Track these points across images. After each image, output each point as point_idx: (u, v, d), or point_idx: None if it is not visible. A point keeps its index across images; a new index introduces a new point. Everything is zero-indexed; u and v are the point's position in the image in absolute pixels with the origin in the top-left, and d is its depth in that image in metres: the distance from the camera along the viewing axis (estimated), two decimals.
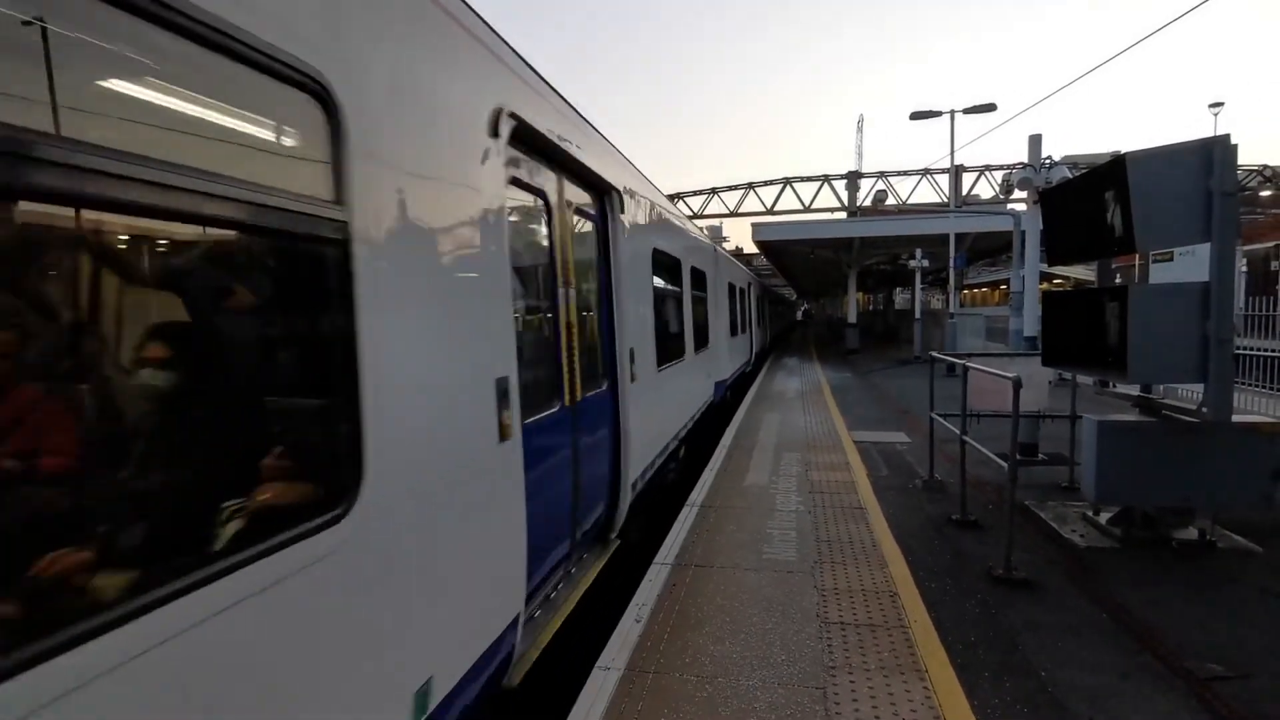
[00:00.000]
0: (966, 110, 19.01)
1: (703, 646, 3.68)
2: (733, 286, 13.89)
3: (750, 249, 46.60)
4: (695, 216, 55.67)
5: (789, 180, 59.75)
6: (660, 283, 6.61)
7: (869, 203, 57.75)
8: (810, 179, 59.92)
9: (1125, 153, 4.52)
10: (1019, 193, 13.18)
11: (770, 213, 59.30)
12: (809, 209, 58.98)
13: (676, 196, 58.99)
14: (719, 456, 8.31)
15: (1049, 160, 12.04)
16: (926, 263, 24.25)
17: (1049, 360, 5.78)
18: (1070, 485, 6.62)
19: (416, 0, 2.33)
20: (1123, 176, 4.42)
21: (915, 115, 19.35)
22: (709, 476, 7.31)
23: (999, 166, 52.87)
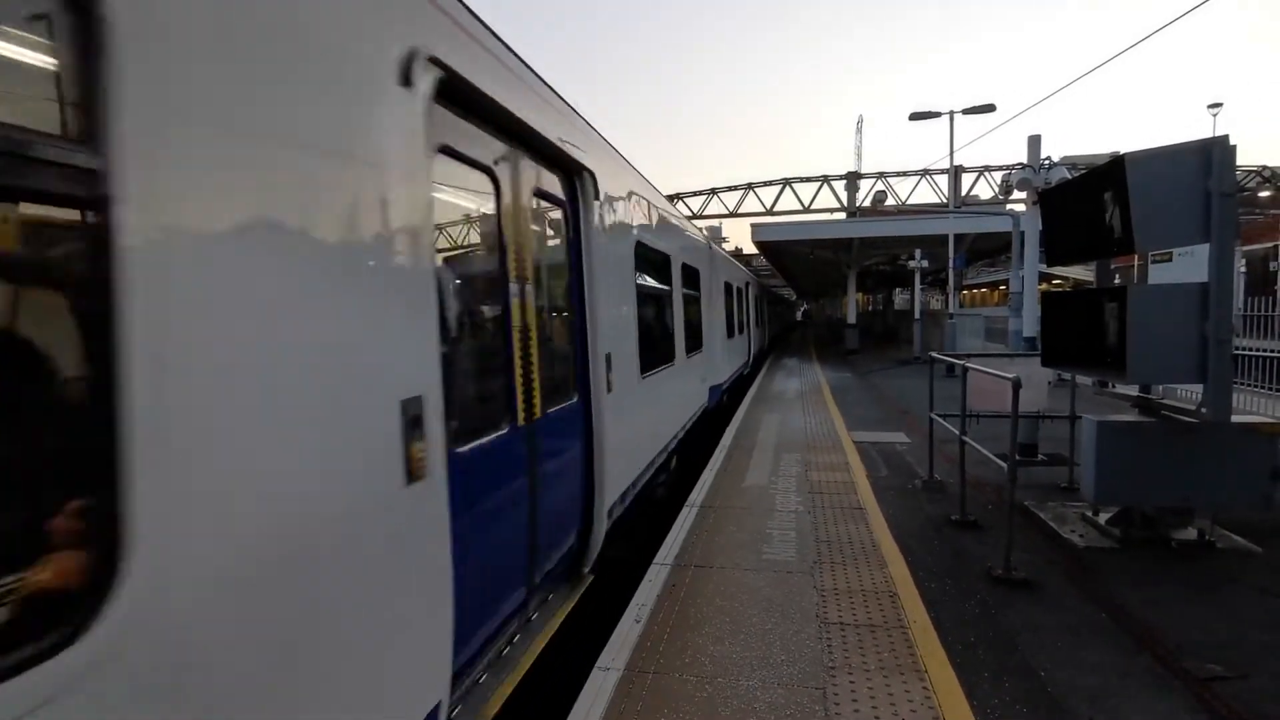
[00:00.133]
0: (966, 111, 19.06)
1: (702, 647, 3.68)
2: (729, 286, 13.40)
3: (750, 249, 46.66)
4: (695, 217, 55.72)
5: (788, 181, 59.77)
6: (646, 280, 6.04)
7: (868, 203, 57.71)
8: (810, 179, 59.93)
9: (1124, 153, 4.53)
10: (1018, 193, 13.20)
11: (770, 213, 59.34)
12: (808, 209, 59.03)
13: (676, 197, 59.00)
14: (719, 457, 8.31)
15: (1048, 161, 12.06)
16: (926, 263, 24.30)
17: (1048, 361, 5.79)
18: (1070, 485, 6.62)
19: None
20: (1122, 177, 4.43)
21: (914, 116, 19.39)
22: (709, 477, 7.32)
23: (998, 167, 52.87)
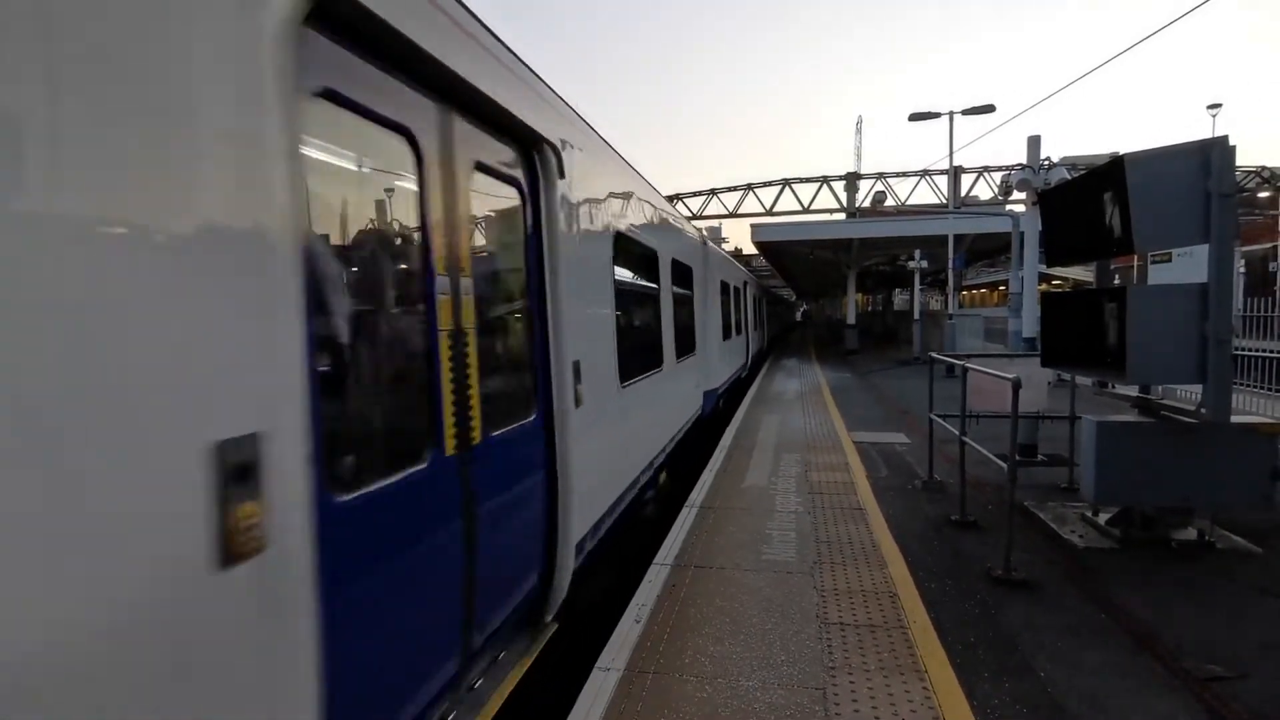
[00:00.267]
0: (965, 112, 19.06)
1: (702, 647, 3.68)
2: (726, 285, 12.90)
3: (749, 250, 46.68)
4: (695, 217, 55.73)
5: (788, 181, 59.77)
6: (628, 276, 5.46)
7: (868, 204, 57.75)
8: (809, 180, 59.93)
9: (1124, 154, 4.53)
10: (1018, 194, 13.21)
11: (769, 214, 59.36)
12: (808, 210, 59.04)
13: (675, 197, 59.01)
14: (718, 457, 8.31)
15: (1048, 161, 12.07)
16: (925, 264, 24.33)
17: (1048, 361, 5.79)
18: (1069, 486, 6.62)
19: None
20: (1121, 178, 4.44)
21: (914, 116, 19.40)
22: (708, 477, 7.32)
23: (998, 168, 52.87)
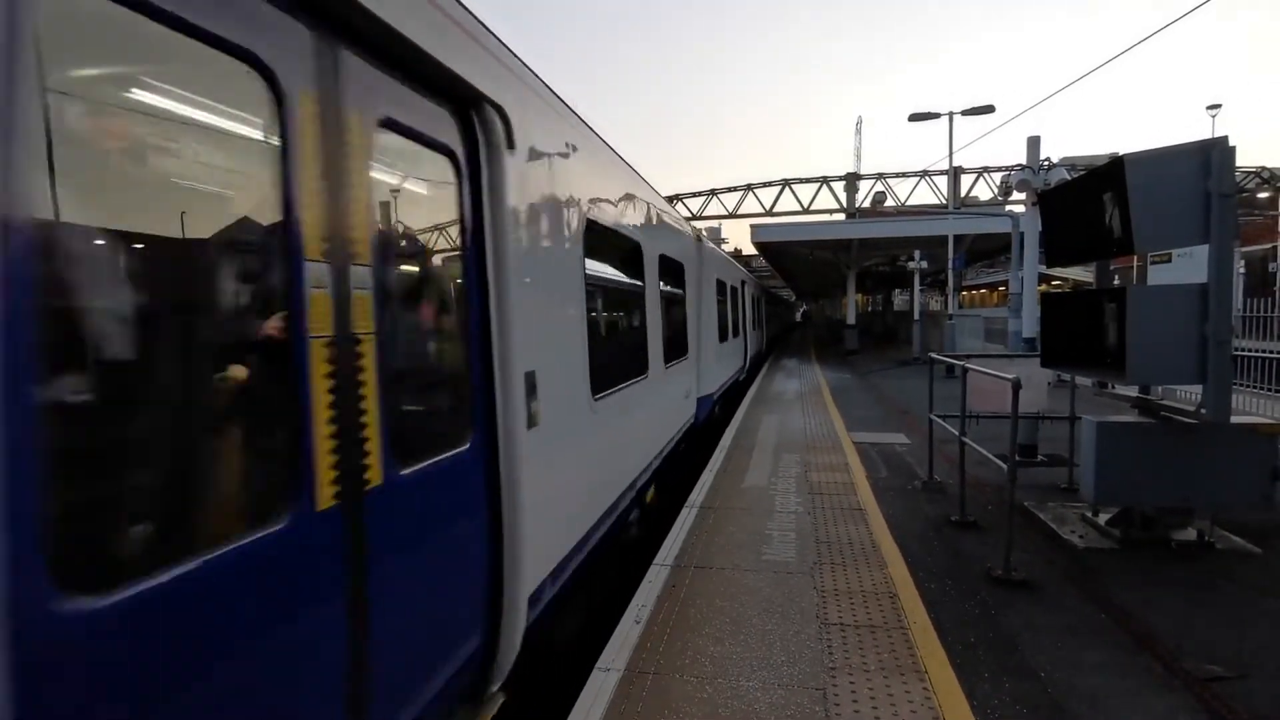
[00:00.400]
0: (965, 112, 19.06)
1: (702, 648, 3.68)
2: (722, 284, 12.24)
3: (749, 250, 46.68)
4: (694, 217, 55.73)
5: (788, 182, 59.78)
6: (603, 271, 4.85)
7: (868, 204, 57.81)
8: (809, 180, 59.95)
9: (1124, 154, 4.54)
10: (1017, 194, 13.19)
11: (769, 214, 59.38)
12: (808, 210, 59.06)
13: (675, 198, 59.01)
14: (718, 457, 8.32)
15: (1047, 162, 12.05)
16: (925, 264, 24.33)
17: (1048, 361, 5.79)
18: (1069, 486, 6.63)
19: None
20: (1121, 178, 4.44)
21: (914, 117, 19.41)
22: (708, 478, 7.32)
23: (998, 168, 52.87)
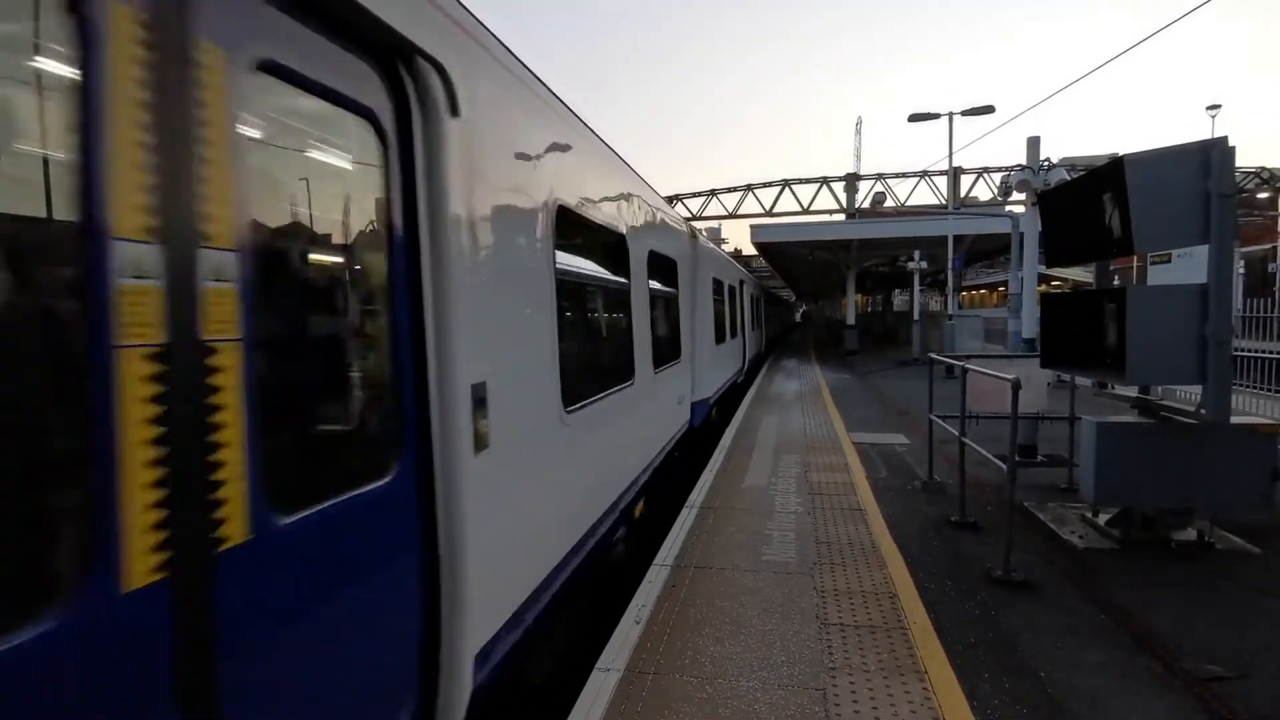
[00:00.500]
0: (965, 112, 19.06)
1: (702, 648, 3.68)
2: (720, 283, 11.76)
3: (749, 250, 46.68)
4: (694, 218, 55.74)
5: (788, 182, 59.81)
6: (578, 266, 4.26)
7: (867, 204, 57.83)
8: (809, 181, 59.98)
9: (1124, 155, 4.54)
10: (1017, 195, 13.20)
11: (769, 214, 59.40)
12: (807, 211, 59.10)
13: (675, 198, 59.02)
14: (718, 457, 8.32)
15: (1047, 162, 12.07)
16: (925, 264, 24.34)
17: (1048, 362, 5.79)
18: (1069, 487, 6.62)
19: None
20: (1121, 178, 4.44)
21: (914, 117, 19.41)
22: (708, 478, 7.32)
23: (997, 168, 52.89)
